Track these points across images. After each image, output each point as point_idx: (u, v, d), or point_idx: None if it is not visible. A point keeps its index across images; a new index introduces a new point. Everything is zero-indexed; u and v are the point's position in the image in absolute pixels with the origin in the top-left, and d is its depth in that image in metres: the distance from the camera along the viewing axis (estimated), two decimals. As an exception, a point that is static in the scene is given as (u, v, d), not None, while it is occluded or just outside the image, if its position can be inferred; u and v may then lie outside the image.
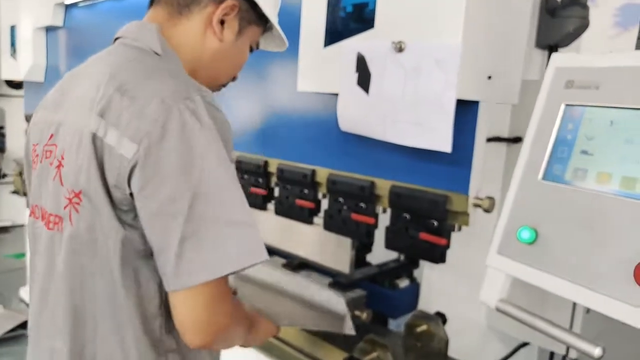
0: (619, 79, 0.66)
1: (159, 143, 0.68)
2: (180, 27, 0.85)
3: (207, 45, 0.87)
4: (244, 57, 0.94)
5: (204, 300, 0.70)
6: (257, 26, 0.92)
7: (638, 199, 0.61)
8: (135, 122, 0.69)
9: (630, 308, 0.59)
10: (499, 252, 0.75)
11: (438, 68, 0.85)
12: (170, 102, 0.69)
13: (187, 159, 0.68)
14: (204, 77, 0.88)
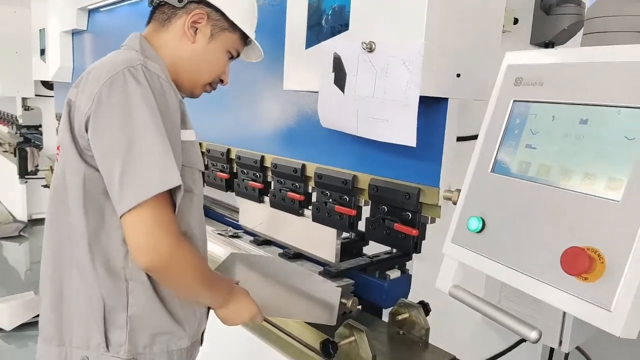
0: (560, 76, 0.69)
1: (106, 98, 0.87)
2: (162, 36, 1.05)
3: (183, 48, 1.04)
4: (220, 60, 1.09)
5: (144, 223, 0.85)
6: (231, 33, 1.07)
7: (570, 190, 0.64)
8: (92, 84, 0.90)
9: (559, 292, 0.63)
10: (452, 241, 0.80)
11: (404, 67, 0.90)
12: (117, 68, 0.89)
13: (125, 109, 0.86)
14: (185, 78, 1.07)
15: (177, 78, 1.05)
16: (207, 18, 1.04)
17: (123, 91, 0.87)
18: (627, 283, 0.56)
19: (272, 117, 1.42)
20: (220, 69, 1.10)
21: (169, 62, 1.04)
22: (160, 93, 0.91)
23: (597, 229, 0.60)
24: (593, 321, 0.59)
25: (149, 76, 0.90)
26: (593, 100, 0.64)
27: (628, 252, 0.56)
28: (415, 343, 1.16)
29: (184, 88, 1.09)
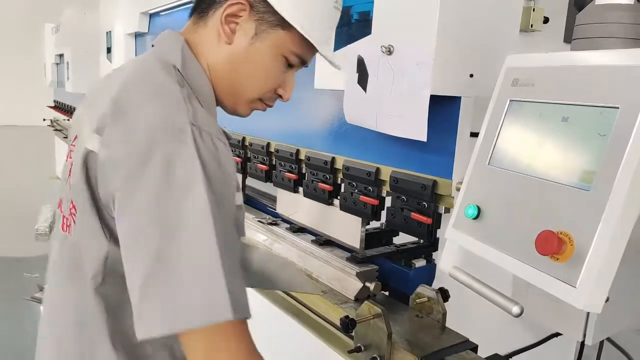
0: (549, 78, 0.77)
1: (140, 170, 0.65)
2: (200, 34, 0.83)
3: (219, 50, 0.82)
4: (268, 67, 0.84)
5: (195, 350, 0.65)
6: (286, 31, 0.82)
7: (550, 181, 0.72)
8: (124, 144, 0.67)
9: (535, 271, 0.71)
10: (453, 226, 0.89)
11: (417, 69, 1.00)
12: (159, 134, 0.66)
13: (165, 192, 0.63)
14: (225, 92, 0.85)
15: (216, 92, 0.84)
16: (250, 9, 0.80)
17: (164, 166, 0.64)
18: (591, 263, 0.64)
19: (305, 113, 1.55)
20: (273, 79, 0.86)
21: (206, 69, 0.82)
22: (215, 167, 0.67)
23: (569, 215, 0.68)
24: (561, 296, 0.67)
25: (200, 141, 0.66)
26: (574, 101, 0.71)
27: (593, 235, 0.64)
28: (432, 325, 1.25)
29: (224, 104, 0.89)
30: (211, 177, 0.66)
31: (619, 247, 0.64)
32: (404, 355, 1.12)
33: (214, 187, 0.66)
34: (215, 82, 0.85)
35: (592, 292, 0.64)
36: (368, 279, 1.36)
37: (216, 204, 0.65)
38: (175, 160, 0.65)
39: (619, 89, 0.65)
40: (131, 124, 0.69)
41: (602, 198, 0.64)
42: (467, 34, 1.01)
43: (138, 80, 0.75)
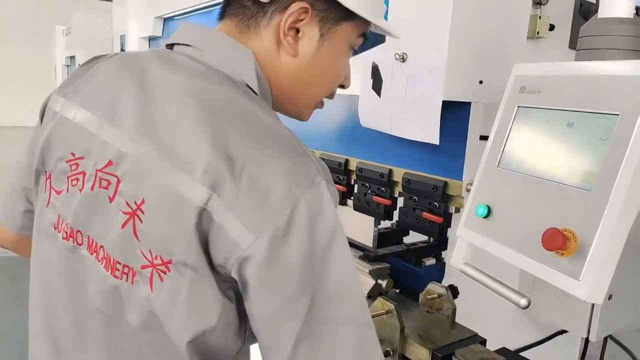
0: (555, 86, 0.83)
1: (282, 239, 0.60)
2: (251, 43, 0.75)
3: (282, 64, 0.75)
4: (340, 64, 0.81)
5: None
6: (349, 22, 0.77)
7: (555, 182, 0.78)
8: (255, 209, 0.61)
9: (542, 265, 0.77)
10: (464, 225, 0.95)
11: (430, 75, 1.06)
12: (297, 192, 0.61)
13: (311, 257, 0.61)
14: (288, 104, 0.81)
15: (275, 104, 0.79)
16: (311, 11, 0.73)
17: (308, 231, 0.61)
18: (593, 258, 0.70)
19: (321, 117, 1.61)
20: (342, 74, 0.83)
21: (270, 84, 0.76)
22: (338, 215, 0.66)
23: (573, 214, 0.74)
24: (566, 289, 0.73)
25: (334, 198, 0.65)
26: (578, 108, 0.78)
27: (595, 232, 0.70)
28: (443, 321, 1.31)
29: (286, 112, 0.84)
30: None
31: (619, 243, 0.70)
32: (416, 348, 1.18)
33: None
34: (279, 94, 0.79)
35: (594, 285, 0.70)
36: (380, 276, 1.43)
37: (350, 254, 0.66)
38: (317, 221, 0.62)
39: (620, 97, 0.71)
40: (264, 187, 0.61)
41: (603, 198, 0.70)
42: (477, 42, 1.07)
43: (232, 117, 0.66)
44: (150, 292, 0.67)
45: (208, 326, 0.66)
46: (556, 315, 1.47)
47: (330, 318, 0.62)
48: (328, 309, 0.62)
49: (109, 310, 0.71)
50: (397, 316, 1.21)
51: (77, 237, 0.74)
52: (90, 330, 0.74)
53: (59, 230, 0.77)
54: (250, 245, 0.61)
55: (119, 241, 0.69)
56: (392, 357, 1.21)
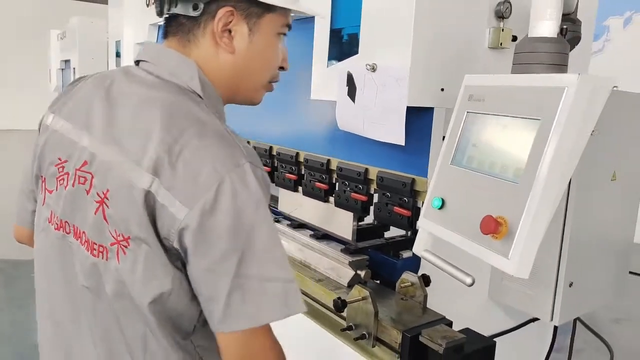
0: (495, 94, 0.99)
1: (210, 211, 0.75)
2: (193, 53, 0.89)
3: (222, 62, 0.90)
4: (272, 50, 0.94)
5: (247, 345, 0.80)
6: (271, 12, 0.91)
7: (493, 176, 0.94)
8: (187, 187, 0.76)
9: (481, 248, 0.93)
10: (424, 216, 1.10)
11: (396, 84, 1.21)
12: (222, 171, 0.76)
13: (237, 224, 0.76)
14: (237, 94, 0.97)
15: (226, 98, 0.95)
16: (236, 12, 0.87)
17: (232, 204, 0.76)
18: (519, 239, 0.86)
19: (304, 120, 1.77)
20: (277, 58, 0.97)
21: (218, 85, 0.91)
22: (266, 189, 0.82)
23: (505, 203, 0.89)
24: (499, 266, 0.89)
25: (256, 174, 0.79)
26: (511, 113, 0.93)
27: (520, 218, 0.86)
28: (415, 307, 1.46)
29: (237, 102, 1.00)
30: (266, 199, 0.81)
31: (540, 227, 0.85)
32: (389, 330, 1.33)
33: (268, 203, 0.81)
34: (226, 89, 0.94)
35: (520, 262, 0.85)
36: (359, 267, 1.58)
37: (272, 221, 0.81)
38: (241, 195, 0.77)
39: (541, 105, 0.87)
40: (195, 169, 0.77)
41: (527, 189, 0.86)
42: (439, 54, 1.23)
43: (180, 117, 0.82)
44: (118, 264, 0.83)
45: (164, 289, 0.82)
46: (524, 302, 1.62)
47: (259, 275, 0.78)
48: (256, 267, 0.78)
49: (91, 285, 0.87)
50: (372, 302, 1.36)
51: (65, 227, 0.91)
52: (79, 304, 0.90)
53: (52, 223, 0.93)
54: (185, 217, 0.76)
55: (94, 225, 0.85)
56: (367, 339, 1.36)
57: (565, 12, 1.51)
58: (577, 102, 0.82)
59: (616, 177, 1.52)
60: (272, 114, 1.96)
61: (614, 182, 1.52)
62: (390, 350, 1.31)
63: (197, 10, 0.86)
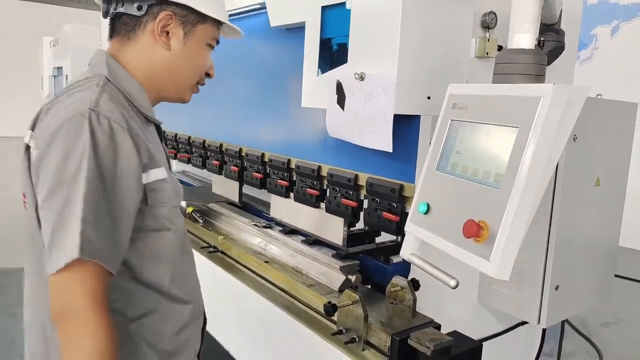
0: (477, 103, 1.03)
1: (46, 150, 0.89)
2: (131, 49, 1.04)
3: (158, 57, 1.04)
4: (201, 56, 1.10)
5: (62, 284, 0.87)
6: (204, 24, 1.08)
7: (475, 182, 0.98)
8: (42, 133, 0.93)
9: (463, 251, 0.97)
10: (410, 221, 1.15)
11: (384, 92, 1.26)
12: (63, 116, 0.89)
13: (62, 167, 0.86)
14: (170, 87, 1.09)
15: (159, 90, 1.07)
16: (175, 17, 1.03)
17: (63, 146, 0.87)
18: (499, 242, 0.90)
19: (295, 128, 1.82)
20: (204, 65, 1.11)
21: (145, 75, 1.03)
22: (106, 145, 0.89)
23: (487, 207, 0.94)
24: (481, 268, 0.93)
25: (96, 123, 0.88)
26: (492, 121, 0.98)
27: (500, 222, 0.90)
28: (404, 310, 1.50)
29: (170, 96, 1.11)
30: (101, 153, 0.88)
31: (520, 230, 0.89)
32: (378, 334, 1.37)
33: (102, 160, 0.88)
34: (158, 83, 1.08)
35: (500, 264, 0.89)
36: (350, 272, 1.62)
37: (100, 173, 0.88)
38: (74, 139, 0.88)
39: (519, 113, 0.91)
40: (52, 118, 0.93)
41: (506, 194, 0.90)
42: (424, 63, 1.28)
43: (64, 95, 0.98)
44: (25, 209, 1.02)
45: None
46: (512, 306, 1.67)
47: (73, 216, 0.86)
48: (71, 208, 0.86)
49: (28, 232, 1.03)
50: (362, 306, 1.40)
51: (23, 197, 1.05)
52: (27, 251, 1.06)
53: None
54: (35, 159, 0.92)
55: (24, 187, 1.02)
56: (357, 343, 1.40)
57: (549, 22, 1.57)
58: (553, 111, 0.87)
59: (600, 182, 1.57)
60: (265, 122, 2.01)
61: (598, 187, 1.57)
62: (380, 353, 1.35)
63: (140, 11, 1.01)
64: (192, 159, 2.52)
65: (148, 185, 0.97)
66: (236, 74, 2.18)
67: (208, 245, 2.12)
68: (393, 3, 1.23)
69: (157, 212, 1.00)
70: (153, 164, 0.98)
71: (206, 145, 2.38)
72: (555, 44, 1.64)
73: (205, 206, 2.41)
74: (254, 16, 2.00)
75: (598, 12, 2.88)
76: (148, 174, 0.97)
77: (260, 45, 2.02)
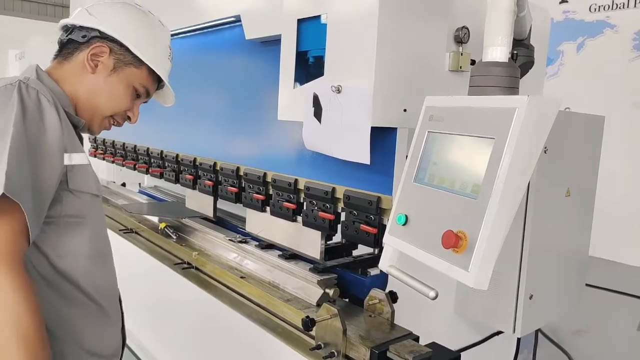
0: (453, 115, 1.05)
1: None
2: (64, 68, 1.16)
3: (83, 79, 1.15)
4: (120, 94, 1.18)
5: None
6: (137, 69, 1.19)
7: (453, 193, 0.99)
8: None
9: (442, 261, 0.97)
10: (389, 233, 1.15)
11: (360, 105, 1.27)
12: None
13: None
14: (84, 109, 1.17)
15: (77, 110, 1.14)
16: (110, 52, 1.14)
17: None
18: (478, 252, 0.91)
19: (271, 141, 1.81)
20: (122, 104, 1.19)
21: (70, 92, 1.12)
22: (34, 111, 0.97)
23: (465, 218, 0.95)
24: (460, 279, 0.93)
25: (25, 91, 0.97)
26: (468, 133, 0.99)
27: (478, 232, 0.91)
28: (382, 323, 1.49)
29: (85, 117, 1.16)
30: (27, 120, 0.95)
31: (497, 240, 0.90)
32: (357, 347, 1.35)
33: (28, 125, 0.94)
34: (77, 102, 1.15)
35: (479, 274, 0.90)
36: (328, 285, 1.60)
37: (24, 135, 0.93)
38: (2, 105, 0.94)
39: (495, 125, 0.93)
40: None
41: (484, 204, 0.91)
42: (400, 77, 1.29)
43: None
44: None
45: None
46: (487, 316, 1.68)
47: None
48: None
49: None
50: (340, 320, 1.38)
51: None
52: None
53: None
54: None
55: None
56: (336, 357, 1.38)
57: (519, 38, 1.61)
58: (528, 121, 0.89)
59: (570, 193, 1.61)
60: (240, 135, 1.99)
61: (568, 198, 1.61)
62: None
63: (84, 39, 1.15)
64: (165, 174, 2.47)
65: (70, 167, 1.03)
66: (210, 87, 2.17)
67: (182, 262, 2.08)
68: (369, 17, 1.24)
69: (76, 199, 1.05)
70: (74, 149, 1.05)
71: (179, 159, 2.34)
72: (526, 59, 1.68)
73: (179, 221, 2.36)
74: (228, 29, 1.99)
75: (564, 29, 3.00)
76: (70, 157, 1.03)
77: (235, 58, 2.01)
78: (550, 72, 3.10)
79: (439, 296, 1.03)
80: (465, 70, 1.58)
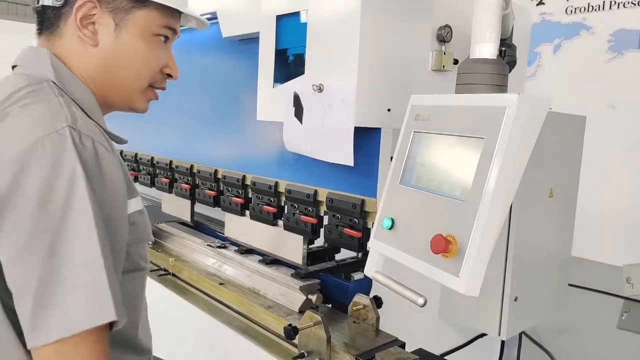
0: (439, 114, 1.01)
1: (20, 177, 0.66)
2: (61, 46, 0.84)
3: (88, 56, 0.84)
4: (145, 51, 0.87)
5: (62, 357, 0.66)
6: (144, 9, 0.85)
7: (442, 195, 0.95)
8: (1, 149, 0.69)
9: (431, 267, 0.93)
10: (374, 237, 1.10)
11: (343, 104, 1.22)
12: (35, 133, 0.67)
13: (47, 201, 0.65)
14: (112, 94, 0.87)
15: (103, 96, 0.86)
16: (100, 4, 0.83)
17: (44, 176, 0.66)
18: (469, 257, 0.86)
19: (250, 142, 1.75)
20: (154, 62, 0.89)
21: (85, 78, 0.84)
22: (96, 171, 0.70)
23: (454, 221, 0.90)
24: (450, 285, 0.89)
25: (80, 147, 0.69)
26: (456, 132, 0.95)
27: (469, 236, 0.87)
28: (367, 329, 1.44)
29: (117, 105, 0.90)
30: (93, 184, 0.69)
31: (488, 244, 0.86)
32: (342, 356, 1.31)
33: (96, 193, 0.69)
34: (98, 87, 0.86)
35: (470, 280, 0.86)
36: (310, 291, 1.55)
37: (99, 210, 0.69)
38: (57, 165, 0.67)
39: (484, 124, 0.89)
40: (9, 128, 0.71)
41: (474, 207, 0.87)
42: (384, 75, 1.25)
43: (16, 105, 0.75)
44: None
45: None
46: (472, 319, 1.65)
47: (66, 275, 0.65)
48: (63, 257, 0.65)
49: None
50: (324, 327, 1.33)
51: None
52: None
53: None
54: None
55: None
56: (320, 366, 1.33)
57: (503, 37, 1.59)
58: (518, 121, 0.85)
59: (553, 193, 1.59)
60: (218, 137, 1.92)
61: (551, 199, 1.60)
62: (345, 376, 1.28)
63: (59, 1, 0.82)
64: (140, 177, 2.39)
65: (130, 217, 0.80)
66: (187, 87, 2.09)
67: (158, 268, 2.00)
68: (351, 15, 1.20)
69: (134, 250, 0.83)
70: (131, 193, 0.81)
71: (155, 162, 2.26)
72: (509, 59, 1.66)
73: (154, 226, 2.27)
74: (205, 27, 1.92)
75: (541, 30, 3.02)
76: (129, 205, 0.80)
77: (211, 57, 1.94)
78: (528, 74, 3.12)
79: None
80: (448, 69, 1.54)
